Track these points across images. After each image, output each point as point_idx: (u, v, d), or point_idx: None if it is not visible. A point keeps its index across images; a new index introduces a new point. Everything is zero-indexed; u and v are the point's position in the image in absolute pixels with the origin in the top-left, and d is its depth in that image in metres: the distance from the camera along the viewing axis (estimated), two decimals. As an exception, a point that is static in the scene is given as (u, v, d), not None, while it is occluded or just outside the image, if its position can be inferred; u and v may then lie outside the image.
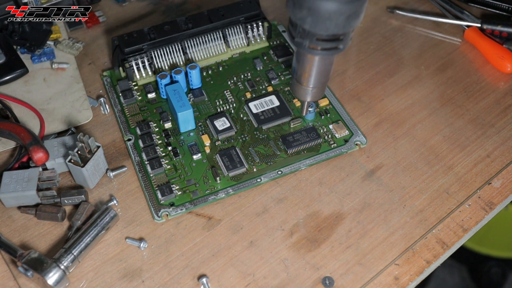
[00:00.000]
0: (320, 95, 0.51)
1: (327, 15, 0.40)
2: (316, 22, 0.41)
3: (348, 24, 0.41)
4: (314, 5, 0.40)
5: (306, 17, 0.41)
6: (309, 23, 0.41)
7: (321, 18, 0.40)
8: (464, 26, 0.68)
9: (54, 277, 0.45)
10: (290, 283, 0.47)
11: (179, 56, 0.62)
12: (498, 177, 0.54)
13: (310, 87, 0.49)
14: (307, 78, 0.49)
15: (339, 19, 0.40)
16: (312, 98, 0.51)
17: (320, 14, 0.40)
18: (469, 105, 0.60)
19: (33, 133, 0.53)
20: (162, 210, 0.51)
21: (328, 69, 0.48)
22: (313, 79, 0.48)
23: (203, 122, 0.58)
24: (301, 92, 0.51)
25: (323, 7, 0.40)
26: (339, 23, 0.41)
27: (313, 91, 0.50)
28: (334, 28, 0.41)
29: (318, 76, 0.48)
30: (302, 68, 0.48)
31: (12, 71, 0.62)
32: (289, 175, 0.54)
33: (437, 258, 0.49)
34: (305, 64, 0.47)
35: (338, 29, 0.41)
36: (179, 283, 0.47)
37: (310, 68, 0.47)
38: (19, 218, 0.52)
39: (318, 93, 0.50)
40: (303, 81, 0.49)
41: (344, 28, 0.41)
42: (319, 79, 0.49)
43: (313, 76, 0.48)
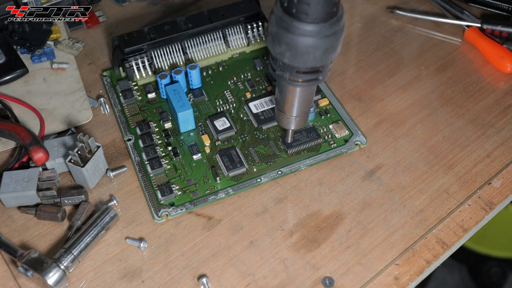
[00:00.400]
0: (303, 123, 0.53)
1: (304, 50, 0.42)
2: (294, 56, 0.43)
3: (326, 57, 0.43)
4: (291, 41, 0.42)
5: (284, 52, 0.43)
6: (288, 57, 0.43)
7: (299, 52, 0.42)
8: (464, 26, 0.68)
9: (54, 277, 0.45)
10: (290, 283, 0.47)
11: (179, 56, 0.62)
12: (498, 177, 0.54)
13: (293, 116, 0.51)
14: (290, 108, 0.50)
15: (316, 53, 0.42)
16: (296, 127, 0.53)
17: (298, 49, 0.42)
18: (469, 105, 0.60)
19: (33, 133, 0.53)
20: (162, 210, 0.51)
21: (309, 98, 0.50)
22: (296, 108, 0.50)
23: (203, 122, 0.58)
24: (284, 121, 0.52)
25: (300, 43, 0.41)
26: (316, 56, 0.43)
27: (296, 120, 0.52)
28: (312, 61, 0.43)
29: (300, 105, 0.50)
30: (284, 99, 0.50)
31: (12, 71, 0.62)
32: (289, 175, 0.54)
33: (437, 258, 0.49)
34: (287, 95, 0.49)
35: (316, 62, 0.43)
36: (179, 283, 0.47)
37: (292, 98, 0.49)
38: (19, 218, 0.52)
39: (301, 122, 0.52)
40: (286, 110, 0.51)
41: (322, 61, 0.43)
42: (301, 108, 0.50)
43: (295, 106, 0.50)
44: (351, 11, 0.72)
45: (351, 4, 0.73)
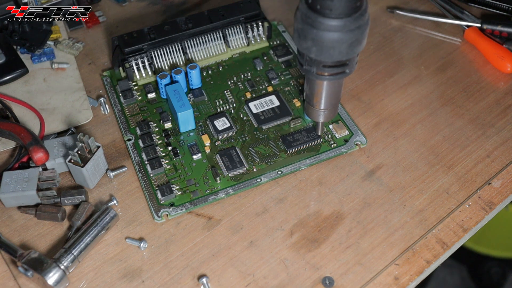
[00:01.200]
0: (333, 115, 0.54)
1: (330, 45, 0.43)
2: (320, 51, 0.44)
3: (351, 51, 0.44)
4: (317, 36, 0.43)
5: (311, 47, 0.44)
6: (314, 52, 0.44)
7: (324, 47, 0.43)
8: (464, 26, 0.68)
9: (54, 277, 0.45)
10: (290, 283, 0.47)
11: (179, 56, 0.62)
12: (498, 177, 0.54)
13: (322, 109, 0.53)
14: (318, 101, 0.52)
15: (342, 47, 0.43)
16: (325, 119, 0.54)
17: (324, 44, 0.43)
18: (469, 105, 0.60)
19: (33, 133, 0.53)
20: (162, 210, 0.51)
21: (337, 91, 0.51)
22: (324, 101, 0.52)
23: (203, 122, 0.58)
24: (314, 114, 0.54)
25: (326, 38, 0.43)
26: (342, 50, 0.44)
27: (325, 113, 0.53)
28: (338, 55, 0.44)
29: (328, 98, 0.51)
30: (312, 92, 0.51)
31: (12, 71, 0.62)
32: (289, 175, 0.54)
33: (437, 258, 0.49)
34: (315, 88, 0.50)
35: (341, 56, 0.44)
36: (179, 283, 0.47)
37: (320, 92, 0.50)
38: (19, 218, 0.52)
39: (330, 114, 0.54)
40: (315, 104, 0.52)
41: (347, 54, 0.44)
42: (329, 101, 0.52)
43: (323, 99, 0.51)
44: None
45: (351, 4, 0.73)
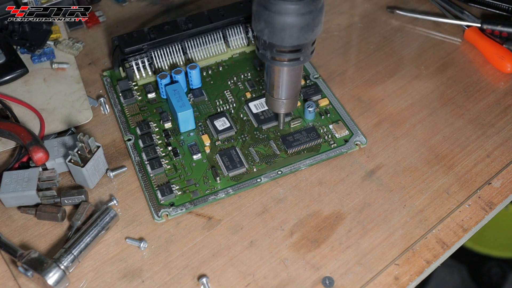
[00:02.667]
0: (293, 106, 0.54)
1: (280, 27, 0.45)
2: (272, 33, 0.46)
3: (303, 36, 0.46)
4: (269, 18, 0.44)
5: (263, 29, 0.46)
6: (267, 35, 0.46)
7: (276, 29, 0.45)
8: (464, 26, 0.68)
9: (54, 277, 0.45)
10: (290, 283, 0.47)
11: (179, 56, 0.62)
12: (498, 177, 0.54)
13: (282, 98, 0.53)
14: (277, 90, 0.52)
15: (292, 30, 0.45)
16: (286, 110, 0.54)
17: (275, 26, 0.45)
18: (469, 105, 0.60)
19: (33, 133, 0.53)
20: (162, 210, 0.51)
21: (294, 80, 0.52)
22: (282, 90, 0.52)
23: (203, 122, 0.58)
24: (273, 104, 0.54)
25: (277, 20, 0.44)
26: (292, 34, 0.45)
27: (285, 103, 0.53)
28: (289, 39, 0.46)
29: (287, 87, 0.52)
30: (270, 80, 0.52)
31: (12, 71, 0.62)
32: (289, 175, 0.54)
33: (437, 258, 0.49)
34: (272, 75, 0.51)
35: (292, 40, 0.46)
36: (179, 283, 0.47)
37: (277, 79, 0.51)
38: (19, 218, 0.52)
39: (290, 105, 0.54)
40: (273, 92, 0.53)
41: (298, 39, 0.46)
42: (288, 91, 0.52)
43: (282, 88, 0.52)
44: (351, 11, 0.72)
45: (351, 4, 0.73)
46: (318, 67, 0.64)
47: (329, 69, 0.64)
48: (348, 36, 0.69)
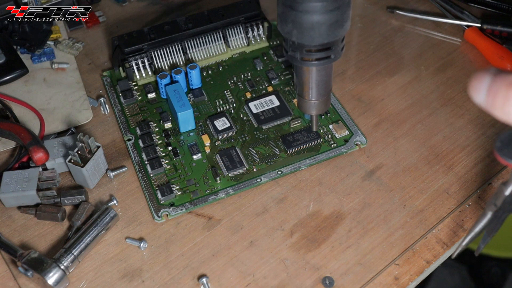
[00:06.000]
0: (326, 107, 0.52)
1: (309, 26, 0.43)
2: (301, 33, 0.44)
3: (332, 33, 0.44)
4: (296, 18, 0.43)
5: (291, 30, 0.44)
6: (295, 35, 0.44)
7: (304, 29, 0.43)
8: (464, 26, 0.68)
9: (54, 277, 0.45)
10: (290, 283, 0.47)
11: (179, 56, 0.62)
12: (498, 177, 0.54)
13: (313, 100, 0.51)
14: (308, 91, 0.50)
15: (322, 28, 0.43)
16: (318, 111, 0.52)
17: (303, 25, 0.43)
18: (469, 105, 0.60)
19: (33, 133, 0.53)
20: (162, 210, 0.51)
21: (325, 80, 0.50)
22: (314, 91, 0.50)
23: (203, 122, 0.58)
24: (305, 106, 0.52)
25: (305, 19, 0.43)
26: (322, 32, 0.43)
27: (317, 104, 0.51)
28: (318, 37, 0.44)
29: (318, 88, 0.50)
30: (301, 82, 0.50)
31: (12, 71, 0.62)
32: (289, 175, 0.54)
33: (437, 258, 0.49)
34: (302, 77, 0.49)
35: (322, 38, 0.44)
36: (179, 283, 0.47)
37: (308, 80, 0.49)
38: (19, 218, 0.52)
39: (323, 105, 0.52)
40: (305, 94, 0.51)
41: (328, 37, 0.44)
42: (319, 91, 0.50)
43: (313, 89, 0.50)
44: (351, 11, 0.72)
45: (351, 4, 0.73)
46: (318, 67, 0.64)
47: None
48: (348, 36, 0.69)
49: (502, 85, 0.27)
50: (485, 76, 0.28)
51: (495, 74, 0.27)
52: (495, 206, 0.41)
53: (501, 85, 0.27)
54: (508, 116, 0.27)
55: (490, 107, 0.28)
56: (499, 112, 0.27)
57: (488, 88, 0.27)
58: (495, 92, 0.27)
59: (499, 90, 0.27)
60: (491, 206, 0.41)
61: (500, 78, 0.27)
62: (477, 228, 0.43)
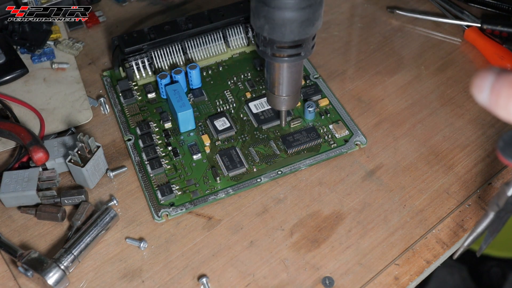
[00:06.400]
0: (295, 103, 0.54)
1: (281, 22, 0.44)
2: (272, 29, 0.45)
3: (303, 31, 0.45)
4: (268, 13, 0.44)
5: (263, 25, 0.45)
6: (267, 31, 0.45)
7: (276, 25, 0.44)
8: (464, 26, 0.68)
9: (54, 277, 0.45)
10: (290, 283, 0.47)
11: (179, 56, 0.62)
12: (498, 177, 0.54)
13: (283, 95, 0.52)
14: (278, 87, 0.52)
15: (293, 25, 0.44)
16: (287, 107, 0.54)
17: (275, 21, 0.44)
18: (469, 105, 0.60)
19: (33, 133, 0.53)
20: (162, 210, 0.51)
21: (295, 77, 0.51)
22: (284, 87, 0.51)
23: (203, 122, 0.58)
24: (274, 101, 0.53)
25: (277, 15, 0.44)
26: (293, 29, 0.44)
27: (286, 100, 0.53)
28: (289, 34, 0.45)
29: (288, 83, 0.51)
30: (271, 77, 0.51)
31: (12, 71, 0.62)
32: (289, 175, 0.54)
33: (437, 258, 0.49)
34: (272, 72, 0.51)
35: (293, 36, 0.45)
36: (179, 283, 0.47)
37: (278, 76, 0.51)
38: (19, 218, 0.52)
39: (292, 101, 0.53)
40: (274, 89, 0.52)
41: (299, 34, 0.45)
42: (289, 87, 0.52)
43: (283, 84, 0.51)
44: (351, 11, 0.72)
45: (351, 4, 0.73)
46: (318, 67, 0.64)
47: (329, 69, 0.64)
48: (348, 36, 0.69)
49: (506, 84, 0.27)
50: (488, 75, 0.28)
51: (498, 73, 0.27)
52: (497, 206, 0.41)
53: (504, 84, 0.27)
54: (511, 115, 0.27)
55: (493, 106, 0.28)
56: (502, 111, 0.27)
57: (491, 87, 0.27)
58: (498, 91, 0.27)
59: (502, 89, 0.27)
60: (493, 207, 0.41)
61: (503, 77, 0.27)
62: (479, 228, 0.43)
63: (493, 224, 0.42)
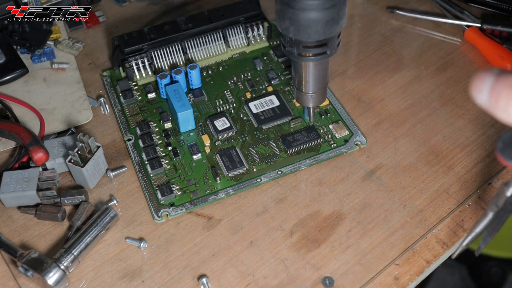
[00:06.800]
0: (322, 99, 0.55)
1: (306, 23, 0.45)
2: (298, 30, 0.45)
3: (328, 30, 0.46)
4: (293, 15, 0.44)
5: (289, 27, 0.46)
6: (293, 32, 0.46)
7: (301, 26, 0.45)
8: (464, 26, 0.68)
9: (54, 277, 0.45)
10: (290, 283, 0.47)
11: (179, 56, 0.62)
12: (498, 177, 0.54)
13: (310, 93, 0.53)
14: (305, 85, 0.53)
15: (318, 26, 0.45)
16: (314, 103, 0.55)
17: (300, 22, 0.45)
18: (469, 105, 0.60)
19: (33, 133, 0.53)
20: (162, 210, 0.51)
21: (322, 74, 0.52)
22: (310, 85, 0.52)
23: (203, 122, 0.58)
24: (302, 98, 0.54)
25: (302, 16, 0.44)
26: (318, 29, 0.45)
27: (313, 97, 0.54)
28: (315, 34, 0.46)
29: (314, 81, 0.52)
30: (298, 76, 0.52)
31: (12, 71, 0.62)
32: (289, 175, 0.54)
33: (437, 258, 0.49)
34: (299, 71, 0.52)
35: (319, 35, 0.46)
36: (179, 283, 0.47)
37: (305, 74, 0.51)
38: (19, 218, 0.52)
39: (319, 98, 0.54)
40: (302, 87, 0.53)
41: (324, 33, 0.46)
42: (316, 84, 0.53)
43: (310, 82, 0.52)
44: (351, 11, 0.72)
45: (351, 4, 0.73)
46: (318, 67, 0.64)
47: (329, 69, 0.64)
48: (348, 36, 0.69)
49: (506, 86, 0.27)
50: (488, 77, 0.27)
51: (498, 75, 0.27)
52: (497, 206, 0.41)
53: (505, 86, 0.27)
54: (511, 117, 0.27)
55: (493, 108, 0.27)
56: (502, 113, 0.27)
57: (490, 89, 0.27)
58: (498, 93, 0.27)
59: (502, 91, 0.27)
60: (493, 207, 0.41)
61: (503, 78, 0.27)
62: (478, 228, 0.43)
63: (492, 224, 0.42)
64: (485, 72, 0.28)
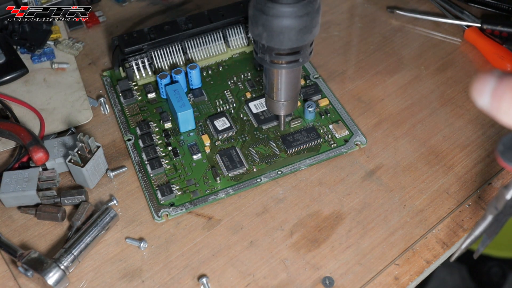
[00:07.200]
0: (292, 108, 0.54)
1: (279, 30, 0.44)
2: (270, 37, 0.45)
3: (301, 38, 0.45)
4: (266, 22, 0.44)
5: (261, 33, 0.45)
6: (265, 39, 0.45)
7: (274, 33, 0.45)
8: (464, 26, 0.68)
9: (54, 277, 0.45)
10: (290, 283, 0.47)
11: (179, 56, 0.62)
12: (498, 177, 0.54)
13: (281, 100, 0.53)
14: (276, 92, 0.52)
15: (291, 33, 0.44)
16: (286, 111, 0.54)
17: (273, 29, 0.44)
18: (469, 105, 0.60)
19: (33, 133, 0.53)
20: (162, 210, 0.51)
21: (293, 82, 0.51)
22: (282, 92, 0.52)
23: (203, 122, 0.58)
24: (273, 106, 0.54)
25: (275, 23, 0.44)
26: (291, 37, 0.45)
27: (285, 104, 0.53)
28: (287, 42, 0.45)
29: (286, 89, 0.52)
30: (270, 83, 0.52)
31: (12, 71, 0.62)
32: (289, 175, 0.54)
33: (437, 258, 0.49)
34: (271, 78, 0.51)
35: (291, 43, 0.45)
36: (179, 283, 0.47)
37: (277, 82, 0.51)
38: (19, 218, 0.52)
39: (290, 106, 0.54)
40: (273, 95, 0.53)
41: (297, 41, 0.45)
42: (288, 92, 0.52)
43: (282, 90, 0.52)
44: (351, 11, 0.72)
45: (351, 4, 0.73)
46: (318, 67, 0.64)
47: (329, 69, 0.64)
48: (348, 36, 0.69)
49: (508, 89, 0.26)
50: (489, 79, 0.27)
51: (499, 77, 0.26)
52: (496, 209, 0.41)
53: (507, 89, 0.26)
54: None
55: (495, 111, 0.27)
56: (505, 116, 0.26)
57: (492, 92, 0.27)
58: (500, 96, 0.26)
59: (505, 94, 0.26)
60: (492, 209, 0.41)
61: (505, 81, 0.26)
62: (477, 231, 0.43)
63: (491, 226, 0.42)
64: (487, 74, 0.27)
